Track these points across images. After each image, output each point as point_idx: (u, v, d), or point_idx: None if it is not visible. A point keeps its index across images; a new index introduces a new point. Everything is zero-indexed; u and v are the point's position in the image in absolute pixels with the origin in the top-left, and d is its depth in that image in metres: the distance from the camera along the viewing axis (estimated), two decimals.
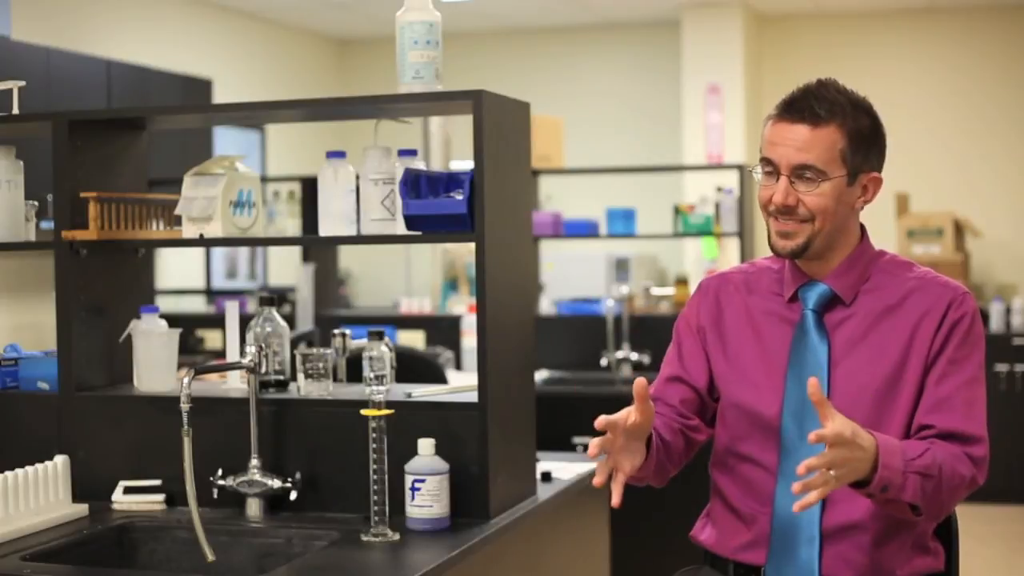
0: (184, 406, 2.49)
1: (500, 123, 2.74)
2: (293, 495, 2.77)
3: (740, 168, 6.17)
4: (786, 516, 2.12)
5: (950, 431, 2.07)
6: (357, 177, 2.78)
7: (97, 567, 2.61)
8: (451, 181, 2.69)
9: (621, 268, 8.46)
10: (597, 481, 1.99)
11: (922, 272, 2.19)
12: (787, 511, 2.11)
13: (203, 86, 7.56)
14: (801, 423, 2.11)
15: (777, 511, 2.13)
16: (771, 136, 2.13)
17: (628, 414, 2.01)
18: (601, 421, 1.96)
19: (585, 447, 5.18)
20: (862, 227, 2.22)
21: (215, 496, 2.77)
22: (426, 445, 2.61)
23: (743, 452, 2.20)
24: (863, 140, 2.12)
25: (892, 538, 2.11)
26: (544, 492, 2.94)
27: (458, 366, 6.03)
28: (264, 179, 6.93)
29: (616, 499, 2.00)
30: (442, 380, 4.52)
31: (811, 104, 2.09)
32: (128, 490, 2.87)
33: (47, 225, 3.09)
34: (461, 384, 2.93)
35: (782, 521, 2.13)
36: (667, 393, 2.29)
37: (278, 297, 4.00)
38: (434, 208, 2.66)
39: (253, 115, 3.70)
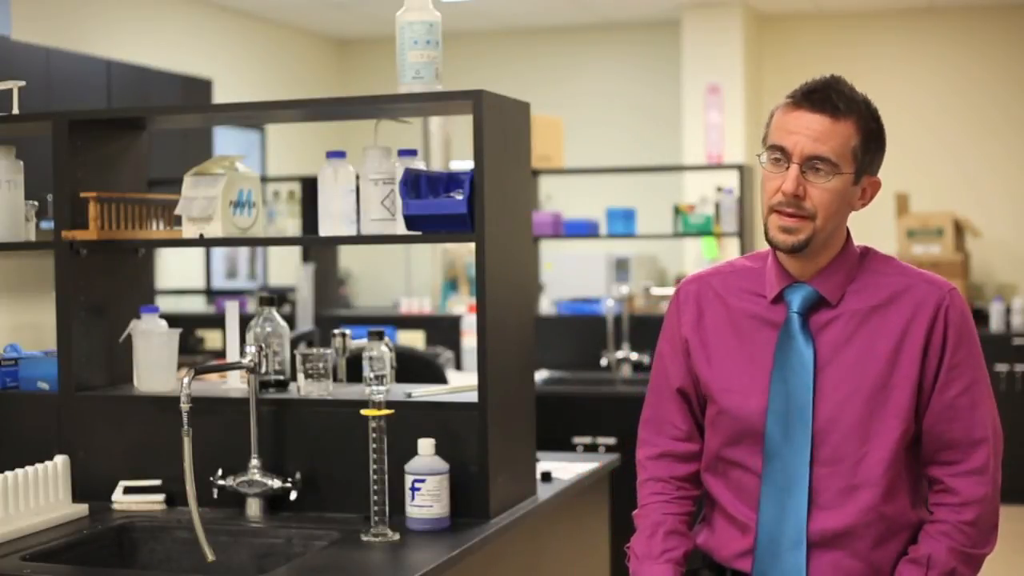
0: (184, 406, 2.49)
1: (500, 123, 2.74)
2: (293, 495, 2.77)
3: (740, 168, 6.17)
4: (771, 520, 2.09)
5: (952, 441, 2.08)
6: (357, 177, 2.78)
7: (97, 567, 2.61)
8: (451, 181, 2.69)
9: (621, 268, 8.45)
10: None
11: (905, 268, 2.15)
12: (771, 515, 2.09)
13: (203, 86, 7.56)
14: (786, 427, 2.08)
15: (762, 515, 2.10)
16: (785, 123, 2.06)
17: None
18: None
19: (585, 447, 5.19)
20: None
21: (215, 496, 2.77)
22: (426, 445, 2.61)
23: (733, 458, 2.17)
24: (872, 141, 2.09)
25: (889, 542, 2.09)
26: (544, 492, 2.94)
27: (458, 366, 6.03)
28: (264, 179, 6.94)
29: None
30: (442, 380, 4.52)
31: (831, 96, 2.04)
32: (128, 490, 2.87)
33: (47, 225, 3.09)
34: (461, 384, 2.93)
35: (767, 525, 2.10)
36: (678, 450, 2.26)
37: (278, 297, 4.00)
38: (434, 208, 2.66)
39: (253, 115, 3.71)
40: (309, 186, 6.59)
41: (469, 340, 6.01)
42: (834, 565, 2.07)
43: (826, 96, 2.04)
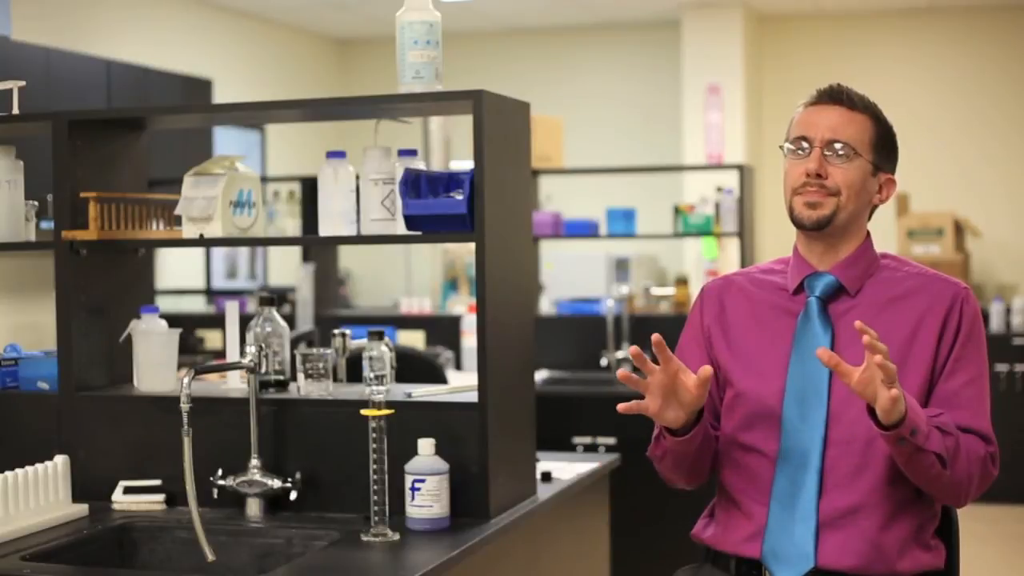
0: (184, 406, 2.49)
1: (500, 123, 2.74)
2: (293, 495, 2.77)
3: (740, 168, 6.17)
4: (783, 497, 2.15)
5: (959, 427, 2.12)
6: (357, 177, 2.78)
7: (97, 567, 2.61)
8: (451, 181, 2.69)
9: (621, 268, 8.45)
10: (621, 374, 2.01)
11: (923, 268, 2.26)
12: (784, 492, 2.14)
13: (203, 86, 7.56)
14: (802, 407, 2.15)
15: (775, 492, 2.16)
16: (807, 117, 2.21)
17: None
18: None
19: (585, 447, 5.19)
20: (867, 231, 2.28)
21: (215, 496, 2.77)
22: (426, 445, 2.61)
23: (746, 442, 2.22)
24: (886, 140, 2.23)
25: (894, 525, 2.13)
26: (544, 492, 2.94)
27: (458, 366, 6.02)
28: (264, 179, 6.93)
29: (621, 406, 2.07)
30: (442, 380, 4.52)
31: (847, 93, 2.21)
32: (128, 490, 2.87)
33: (47, 225, 3.09)
34: (461, 384, 2.93)
35: (780, 502, 2.15)
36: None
37: (278, 297, 4.01)
38: (434, 208, 2.66)
39: (253, 115, 3.71)
40: (309, 186, 6.59)
41: (469, 340, 6.01)
42: (841, 545, 2.12)
43: (842, 92, 2.21)
